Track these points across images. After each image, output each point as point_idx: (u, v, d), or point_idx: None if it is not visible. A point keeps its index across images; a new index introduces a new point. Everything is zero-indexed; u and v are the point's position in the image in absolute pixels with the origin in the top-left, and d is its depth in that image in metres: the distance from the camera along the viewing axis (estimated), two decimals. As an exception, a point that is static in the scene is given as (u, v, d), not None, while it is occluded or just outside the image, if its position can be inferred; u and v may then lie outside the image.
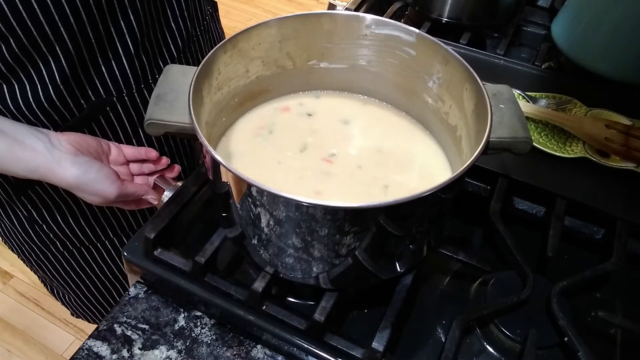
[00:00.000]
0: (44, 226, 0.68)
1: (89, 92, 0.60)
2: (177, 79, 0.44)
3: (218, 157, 0.37)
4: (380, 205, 0.35)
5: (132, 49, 0.59)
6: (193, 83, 0.42)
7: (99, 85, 0.60)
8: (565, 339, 0.45)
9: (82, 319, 0.91)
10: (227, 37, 0.47)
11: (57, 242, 0.71)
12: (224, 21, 0.86)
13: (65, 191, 0.65)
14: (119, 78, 0.61)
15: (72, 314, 0.91)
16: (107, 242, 0.74)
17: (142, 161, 0.63)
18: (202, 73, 0.44)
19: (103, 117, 0.63)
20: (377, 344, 0.44)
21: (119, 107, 0.63)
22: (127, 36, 0.58)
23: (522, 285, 0.49)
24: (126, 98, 0.63)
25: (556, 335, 0.46)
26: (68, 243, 0.72)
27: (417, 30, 0.48)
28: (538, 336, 0.46)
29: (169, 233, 0.52)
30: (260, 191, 0.37)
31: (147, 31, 0.60)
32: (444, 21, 0.84)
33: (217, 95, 0.48)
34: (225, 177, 0.39)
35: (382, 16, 0.56)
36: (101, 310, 0.87)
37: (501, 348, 0.47)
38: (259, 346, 0.48)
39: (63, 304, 0.89)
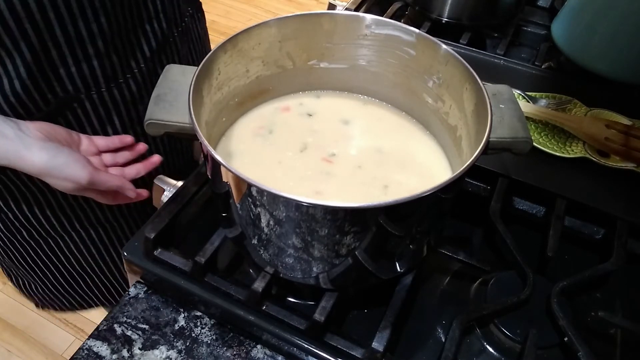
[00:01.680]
0: (10, 214, 0.68)
1: (56, 88, 0.59)
2: (177, 79, 0.44)
3: (218, 157, 0.37)
4: (380, 205, 0.35)
5: (102, 50, 0.59)
6: (193, 83, 0.42)
7: (67, 82, 0.59)
8: (565, 339, 0.45)
9: (49, 309, 0.89)
10: (226, 37, 0.47)
11: (23, 231, 0.71)
12: (224, 21, 0.86)
13: (32, 180, 0.64)
14: (88, 77, 0.60)
15: (37, 305, 0.89)
16: (73, 233, 0.73)
17: (116, 151, 0.62)
18: (202, 73, 0.44)
19: (70, 113, 0.62)
20: (377, 344, 0.44)
21: (87, 104, 0.63)
22: (98, 38, 0.58)
23: (522, 285, 0.49)
24: (95, 96, 0.63)
25: (556, 335, 0.46)
26: (34, 232, 0.71)
27: (417, 30, 0.48)
28: (538, 336, 0.46)
29: (169, 233, 0.52)
30: (260, 191, 0.37)
31: (119, 32, 0.60)
32: (444, 21, 0.84)
33: (217, 95, 0.48)
34: (225, 177, 0.39)
35: (382, 16, 0.56)
36: (69, 298, 0.85)
37: (501, 348, 0.47)
38: (259, 346, 0.48)
39: (27, 294, 0.87)
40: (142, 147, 0.64)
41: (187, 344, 0.48)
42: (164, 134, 0.43)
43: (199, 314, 0.50)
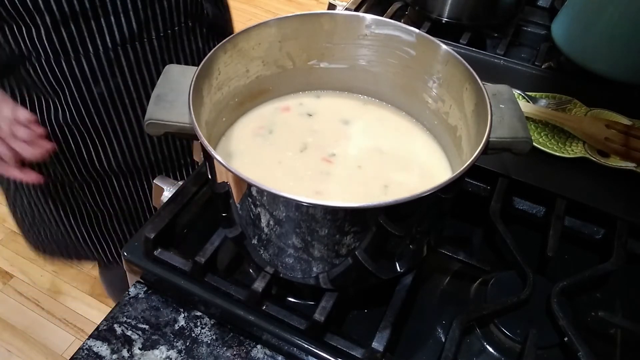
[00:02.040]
0: None
1: (2, 44, 0.61)
2: (177, 79, 0.44)
3: (218, 157, 0.37)
4: (380, 205, 0.35)
5: (49, 22, 0.60)
6: (193, 83, 0.42)
7: (11, 41, 0.62)
8: (565, 339, 0.45)
9: (42, 255, 0.93)
10: (227, 37, 0.47)
11: None
12: (224, 21, 0.85)
13: None
14: (36, 42, 0.62)
15: (31, 246, 0.94)
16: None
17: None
18: (202, 73, 0.44)
19: (15, 76, 0.64)
20: (377, 344, 0.44)
21: (31, 71, 0.65)
22: (44, 11, 0.59)
23: (522, 285, 0.49)
24: (44, 62, 0.64)
25: (556, 335, 0.46)
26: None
27: (417, 30, 0.48)
28: (538, 336, 0.46)
29: (169, 233, 0.52)
30: (260, 191, 0.37)
31: (74, 14, 0.61)
32: (444, 21, 0.84)
33: (217, 95, 0.48)
34: (225, 177, 0.39)
35: (382, 16, 0.56)
36: (57, 249, 0.89)
37: (501, 348, 0.47)
38: (259, 346, 0.48)
39: (27, 239, 0.92)
40: (39, 130, 0.63)
41: (187, 344, 0.48)
42: (163, 134, 0.43)
43: (199, 314, 0.50)
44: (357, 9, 0.86)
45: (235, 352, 0.47)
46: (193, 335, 0.48)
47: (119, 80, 0.69)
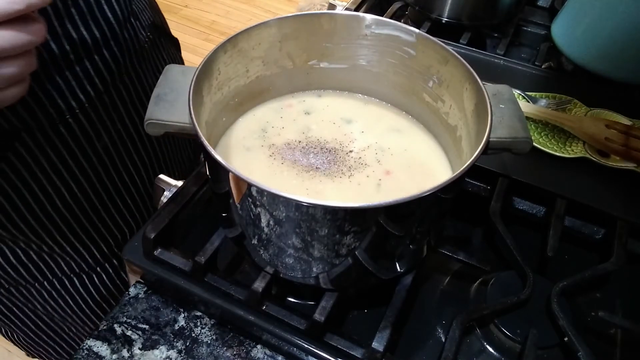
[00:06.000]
0: None
1: None
2: (177, 79, 0.44)
3: (218, 157, 0.37)
4: (381, 205, 0.35)
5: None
6: (193, 83, 0.42)
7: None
8: (565, 339, 0.45)
9: (38, 358, 0.84)
10: (226, 37, 0.47)
11: None
12: (224, 21, 0.85)
13: None
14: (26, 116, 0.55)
15: (28, 355, 0.85)
16: (45, 282, 0.69)
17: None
18: (202, 73, 0.44)
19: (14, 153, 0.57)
20: (377, 344, 0.44)
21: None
22: None
23: (522, 285, 0.49)
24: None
25: (556, 335, 0.46)
26: (3, 282, 0.68)
27: (417, 30, 0.49)
28: (538, 336, 0.46)
29: (169, 233, 0.52)
30: (260, 191, 0.37)
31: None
32: (444, 21, 0.84)
33: (217, 95, 0.48)
34: (225, 177, 0.39)
35: (382, 16, 0.56)
36: (56, 348, 0.81)
37: (501, 348, 0.47)
38: (259, 346, 0.48)
39: (16, 344, 0.82)
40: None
41: (187, 344, 0.48)
42: (163, 134, 0.43)
43: (199, 314, 0.50)
44: (357, 9, 0.86)
45: (235, 352, 0.47)
46: (193, 335, 0.48)
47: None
